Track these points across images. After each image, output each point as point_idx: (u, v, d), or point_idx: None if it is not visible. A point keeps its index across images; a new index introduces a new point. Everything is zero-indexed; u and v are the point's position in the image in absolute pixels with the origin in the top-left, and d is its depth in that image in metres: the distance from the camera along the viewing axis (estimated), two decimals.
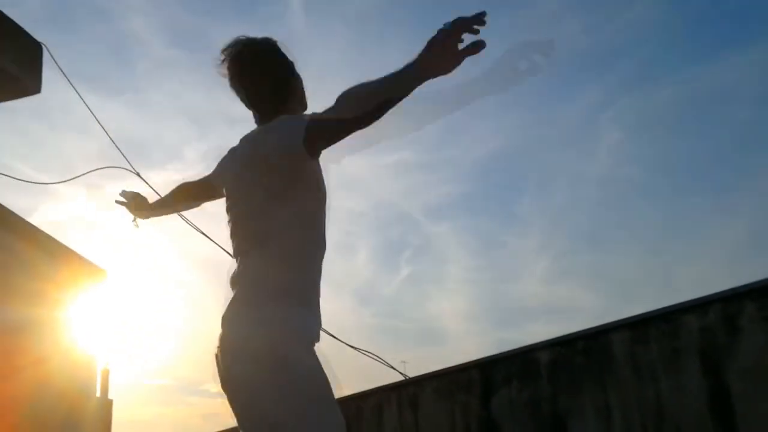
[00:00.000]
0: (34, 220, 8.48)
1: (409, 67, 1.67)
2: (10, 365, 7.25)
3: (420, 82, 1.68)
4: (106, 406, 11.50)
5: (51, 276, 8.41)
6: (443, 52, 1.64)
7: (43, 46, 6.05)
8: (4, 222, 7.70)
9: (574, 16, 15.40)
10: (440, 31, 1.64)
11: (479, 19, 1.62)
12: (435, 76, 1.67)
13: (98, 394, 10.95)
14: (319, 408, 1.71)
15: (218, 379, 1.85)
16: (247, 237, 1.90)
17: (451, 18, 1.64)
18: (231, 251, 1.98)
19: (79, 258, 9.03)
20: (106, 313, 10.25)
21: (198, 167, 2.40)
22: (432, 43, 1.64)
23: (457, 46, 1.65)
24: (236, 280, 1.88)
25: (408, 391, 7.12)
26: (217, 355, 1.85)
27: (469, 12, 1.63)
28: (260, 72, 1.98)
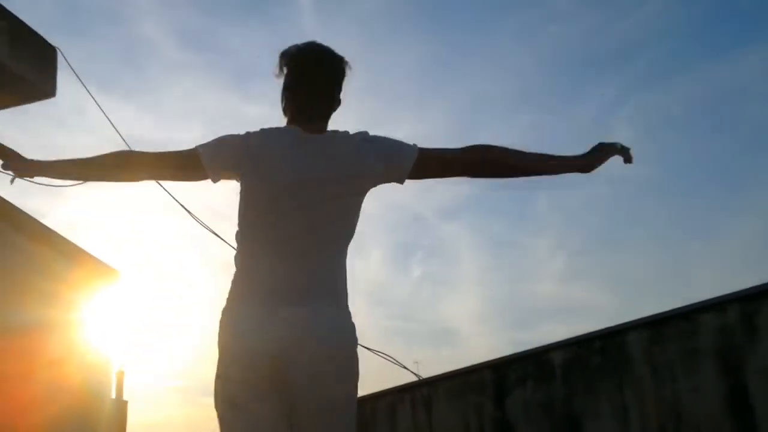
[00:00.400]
0: (47, 222, 8.53)
1: (575, 157, 2.02)
2: (25, 366, 7.28)
3: (568, 171, 2.03)
4: (121, 407, 11.55)
5: (65, 277, 8.45)
6: (598, 162, 2.02)
7: (57, 50, 6.09)
8: (19, 224, 7.75)
9: (587, 14, 15.35)
10: (609, 146, 2.02)
11: (628, 153, 2.03)
12: (578, 172, 2.03)
13: (113, 395, 11.00)
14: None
15: (257, 377, 1.84)
16: (325, 241, 1.94)
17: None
18: (280, 249, 1.91)
19: (93, 259, 9.08)
20: (121, 315, 10.31)
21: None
22: (603, 152, 2.01)
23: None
24: (311, 280, 1.89)
25: (421, 392, 7.11)
26: (257, 351, 1.84)
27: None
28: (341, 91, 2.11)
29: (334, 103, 2.06)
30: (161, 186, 2.31)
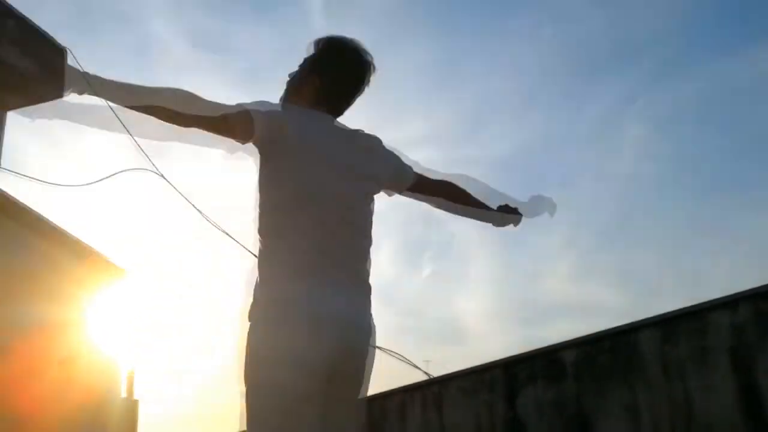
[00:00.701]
0: (56, 220, 8.56)
1: (516, 211, 2.37)
2: (35, 365, 7.32)
3: (508, 212, 2.37)
4: (132, 406, 11.60)
5: (74, 275, 8.50)
6: (531, 216, 2.40)
7: (67, 50, 6.09)
8: (28, 222, 7.80)
9: (598, 10, 15.26)
10: (545, 200, 2.42)
11: (555, 210, 2.44)
12: (515, 215, 2.38)
13: (124, 394, 11.06)
14: None
15: (312, 376, 1.80)
16: (362, 233, 2.03)
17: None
18: (323, 239, 1.89)
19: (101, 257, 9.12)
20: (132, 314, 10.36)
21: (222, 167, 2.26)
22: (539, 204, 2.41)
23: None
24: (361, 272, 1.98)
25: (432, 391, 7.10)
26: (322, 339, 1.82)
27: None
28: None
29: (350, 105, 2.18)
30: (170, 183, 2.25)
